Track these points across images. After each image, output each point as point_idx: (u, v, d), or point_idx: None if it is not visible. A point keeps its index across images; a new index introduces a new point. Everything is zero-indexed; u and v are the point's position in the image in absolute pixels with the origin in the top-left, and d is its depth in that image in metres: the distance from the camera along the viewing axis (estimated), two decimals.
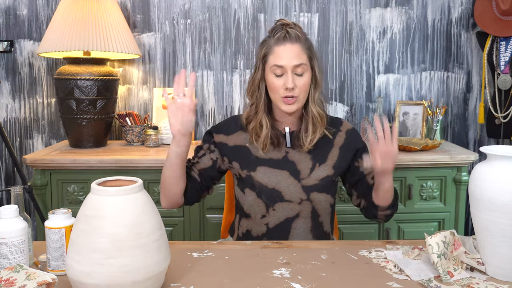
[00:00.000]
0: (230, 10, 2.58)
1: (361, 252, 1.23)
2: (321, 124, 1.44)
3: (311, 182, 1.42)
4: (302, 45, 1.39)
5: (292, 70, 1.37)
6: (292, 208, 1.42)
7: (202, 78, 2.62)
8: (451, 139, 2.68)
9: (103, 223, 0.93)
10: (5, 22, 2.56)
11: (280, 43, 1.38)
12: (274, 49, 1.39)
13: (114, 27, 2.25)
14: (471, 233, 2.62)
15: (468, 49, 2.64)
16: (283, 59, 1.37)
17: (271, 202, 1.42)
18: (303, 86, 1.39)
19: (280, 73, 1.38)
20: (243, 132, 1.48)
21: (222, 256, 1.21)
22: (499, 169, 1.05)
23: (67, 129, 2.33)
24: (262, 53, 1.41)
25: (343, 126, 1.51)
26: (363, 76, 2.64)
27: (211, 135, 1.50)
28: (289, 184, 1.42)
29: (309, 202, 1.42)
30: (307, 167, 1.43)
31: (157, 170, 2.10)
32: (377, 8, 2.60)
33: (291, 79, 1.36)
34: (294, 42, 1.38)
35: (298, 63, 1.37)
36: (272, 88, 1.40)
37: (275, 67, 1.38)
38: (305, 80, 1.39)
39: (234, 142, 1.47)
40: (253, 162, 1.44)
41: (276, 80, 1.38)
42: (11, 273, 0.96)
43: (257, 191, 1.42)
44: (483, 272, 1.11)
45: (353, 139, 1.50)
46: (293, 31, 1.39)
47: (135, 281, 0.93)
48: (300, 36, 1.40)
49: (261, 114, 1.43)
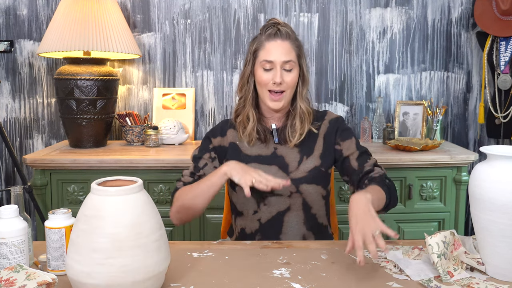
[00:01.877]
0: (230, 10, 2.58)
1: None
2: (309, 120, 1.47)
3: (299, 174, 1.44)
4: (292, 43, 1.44)
5: (281, 65, 1.41)
6: (283, 202, 1.44)
7: (202, 78, 2.62)
8: (451, 139, 2.68)
9: (103, 223, 0.93)
10: (5, 22, 2.56)
11: (271, 39, 1.43)
12: (265, 44, 1.43)
13: (114, 27, 2.25)
14: (471, 233, 2.62)
15: (468, 49, 2.64)
16: (273, 54, 1.41)
17: (261, 197, 1.44)
18: (290, 82, 1.43)
19: (269, 68, 1.42)
20: (233, 130, 1.52)
21: (222, 256, 1.21)
22: (499, 169, 1.05)
23: (67, 129, 2.33)
24: (253, 48, 1.45)
25: (328, 115, 1.53)
26: (363, 76, 2.64)
27: (209, 140, 1.52)
28: (278, 178, 1.41)
29: (299, 194, 1.43)
30: (295, 160, 1.46)
31: (157, 170, 2.10)
32: (377, 8, 2.60)
33: (279, 74, 1.40)
34: (284, 39, 1.43)
35: (287, 59, 1.41)
36: (260, 82, 1.43)
37: (264, 62, 1.42)
38: (292, 76, 1.43)
39: (228, 141, 1.51)
40: (242, 159, 1.46)
41: (265, 74, 1.42)
42: (11, 273, 0.96)
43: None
44: (483, 272, 1.11)
45: (335, 126, 1.50)
46: (284, 29, 1.44)
47: (135, 281, 0.93)
48: (290, 34, 1.44)
49: (248, 108, 1.47)
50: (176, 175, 2.11)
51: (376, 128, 2.52)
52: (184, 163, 2.08)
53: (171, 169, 2.10)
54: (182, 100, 2.59)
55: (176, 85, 2.62)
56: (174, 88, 2.61)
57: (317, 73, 2.62)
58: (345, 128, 1.51)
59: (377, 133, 2.52)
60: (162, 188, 2.13)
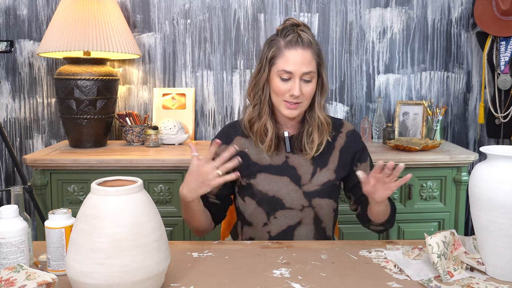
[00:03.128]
0: (230, 10, 2.58)
1: (361, 252, 1.23)
2: (327, 131, 1.40)
3: (312, 187, 1.39)
4: (313, 52, 1.34)
5: (300, 76, 1.32)
6: (294, 215, 1.39)
7: (202, 78, 2.62)
8: (451, 139, 2.68)
9: (103, 223, 0.93)
10: (5, 22, 2.56)
11: (291, 47, 1.32)
12: (284, 52, 1.32)
13: (114, 27, 2.25)
14: (471, 233, 2.62)
15: (468, 49, 2.64)
16: (293, 64, 1.31)
17: (272, 210, 1.39)
18: (308, 93, 1.35)
19: (287, 78, 1.33)
20: (241, 137, 1.44)
21: (222, 256, 1.21)
22: (499, 169, 1.05)
23: (67, 129, 2.33)
24: (270, 54, 1.34)
25: (344, 127, 1.47)
26: (363, 76, 2.64)
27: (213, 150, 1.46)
28: (290, 191, 1.39)
29: (311, 209, 1.39)
30: (308, 172, 1.40)
31: (157, 170, 2.10)
32: (377, 8, 2.60)
33: (298, 87, 1.31)
34: (306, 48, 1.32)
35: (308, 70, 1.32)
36: (277, 91, 1.35)
37: (283, 71, 1.32)
38: (311, 86, 1.35)
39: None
40: (252, 169, 1.40)
41: (282, 84, 1.33)
42: (11, 273, 0.96)
43: (258, 200, 1.40)
44: (483, 272, 1.11)
45: (353, 141, 1.45)
46: (305, 35, 1.33)
47: (135, 281, 0.93)
48: (311, 42, 1.34)
49: (265, 118, 1.38)
50: (176, 175, 2.11)
51: (376, 128, 2.52)
52: (184, 163, 2.08)
53: (171, 169, 2.10)
54: (182, 100, 2.59)
55: (176, 85, 2.62)
56: (174, 88, 2.61)
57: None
58: (363, 147, 1.46)
59: (377, 133, 2.52)
60: (162, 188, 2.13)
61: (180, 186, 1.31)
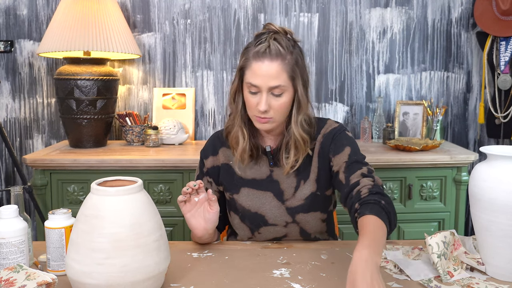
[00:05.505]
0: (230, 10, 2.58)
1: None
2: (304, 149, 1.29)
3: (296, 202, 1.31)
4: (283, 63, 1.22)
5: (267, 90, 1.22)
6: (279, 231, 1.34)
7: (202, 78, 2.62)
8: (451, 139, 2.68)
9: (103, 223, 0.93)
10: (5, 22, 2.56)
11: (258, 58, 1.22)
12: (252, 64, 1.23)
13: (114, 27, 2.25)
14: (471, 233, 2.62)
15: (468, 49, 2.64)
16: (258, 78, 1.21)
17: (255, 226, 1.35)
18: (279, 107, 1.24)
19: (255, 91, 1.24)
20: (226, 148, 1.38)
21: (222, 256, 1.21)
22: (499, 169, 1.05)
23: (67, 129, 2.33)
24: (241, 64, 1.27)
25: (324, 129, 1.34)
26: (363, 76, 2.64)
27: (202, 163, 1.40)
28: (272, 207, 1.33)
29: (295, 224, 1.33)
30: (291, 186, 1.32)
31: (157, 170, 2.10)
32: (377, 8, 2.60)
33: (265, 101, 1.22)
34: (273, 60, 1.21)
35: (275, 84, 1.21)
36: (247, 105, 1.28)
37: (249, 84, 1.24)
38: (282, 101, 1.24)
39: (221, 161, 1.38)
40: (236, 183, 1.35)
41: (251, 97, 1.25)
42: (11, 273, 0.96)
43: (241, 215, 1.36)
44: (483, 272, 1.11)
45: (326, 139, 1.32)
46: (275, 45, 1.21)
47: (135, 281, 0.93)
48: (281, 52, 1.21)
49: (237, 128, 1.31)
50: (176, 175, 2.11)
51: (376, 128, 2.52)
52: (184, 163, 2.08)
53: (171, 169, 2.10)
54: (182, 100, 2.59)
55: (176, 85, 2.62)
56: (174, 88, 2.61)
57: (317, 73, 2.62)
58: (338, 140, 1.31)
59: (377, 133, 2.52)
60: (162, 188, 2.13)
61: (180, 186, 1.31)
